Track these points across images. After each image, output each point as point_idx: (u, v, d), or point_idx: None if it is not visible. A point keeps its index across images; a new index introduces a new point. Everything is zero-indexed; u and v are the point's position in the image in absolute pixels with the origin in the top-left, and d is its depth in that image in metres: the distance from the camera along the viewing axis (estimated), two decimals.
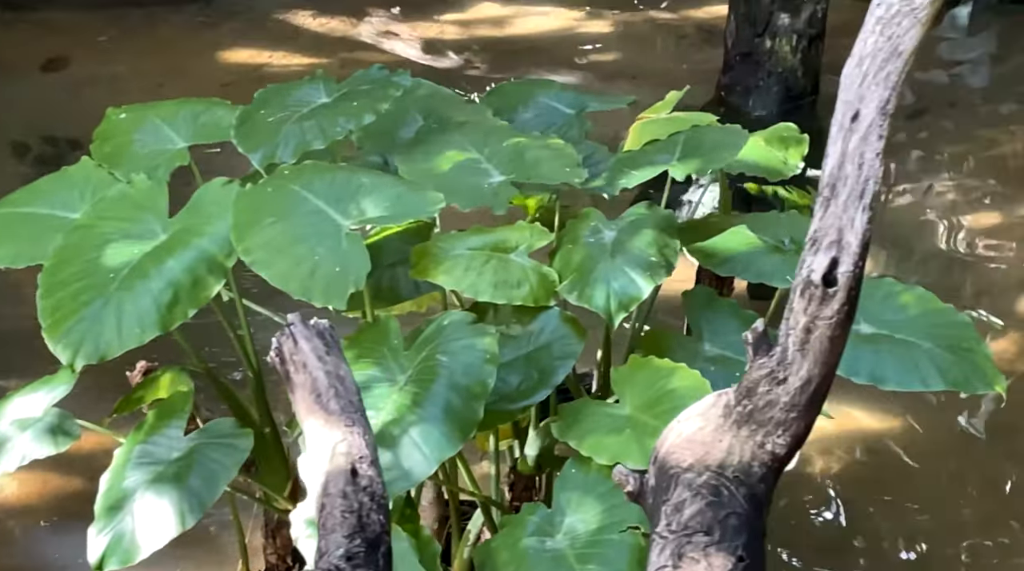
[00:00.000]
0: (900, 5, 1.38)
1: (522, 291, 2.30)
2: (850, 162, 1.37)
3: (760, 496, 1.38)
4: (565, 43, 6.24)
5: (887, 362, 2.36)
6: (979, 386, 2.35)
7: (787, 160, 3.00)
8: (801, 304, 1.40)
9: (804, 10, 5.32)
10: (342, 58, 5.94)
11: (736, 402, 1.44)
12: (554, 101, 2.90)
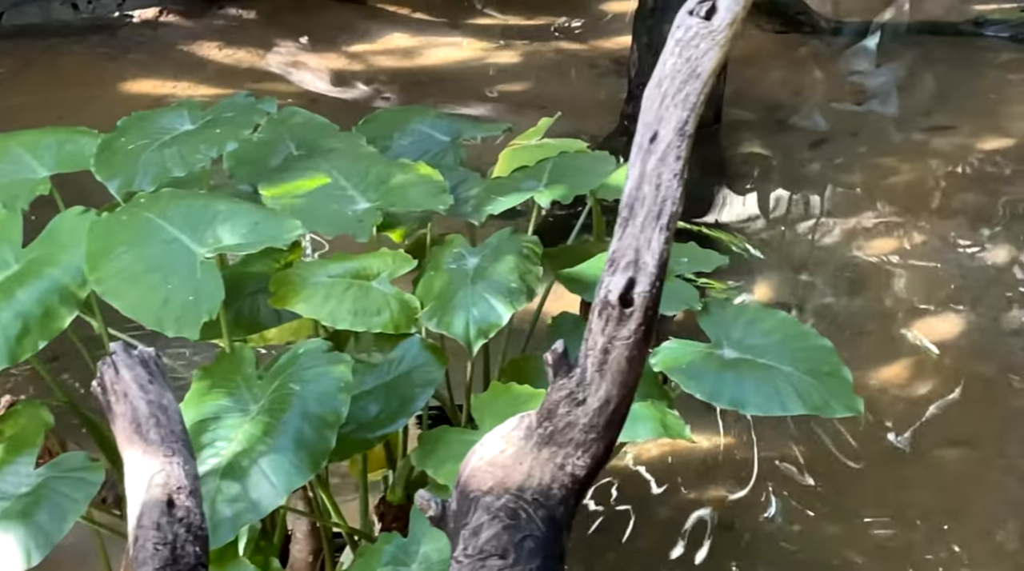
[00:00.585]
0: (699, 28, 1.39)
1: (382, 318, 2.29)
2: (648, 183, 1.37)
3: (560, 518, 1.37)
4: (475, 73, 6.26)
5: (748, 387, 2.37)
6: (838, 409, 2.36)
7: None
8: (599, 325, 1.39)
9: None
10: (248, 89, 5.91)
11: (537, 424, 1.44)
12: (430, 129, 2.89)
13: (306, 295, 2.29)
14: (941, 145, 5.48)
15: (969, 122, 5.64)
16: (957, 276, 4.53)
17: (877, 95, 6.03)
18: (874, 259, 4.68)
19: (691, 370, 2.39)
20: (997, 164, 5.26)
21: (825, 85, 6.16)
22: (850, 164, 5.35)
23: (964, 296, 4.41)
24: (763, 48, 6.35)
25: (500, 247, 2.41)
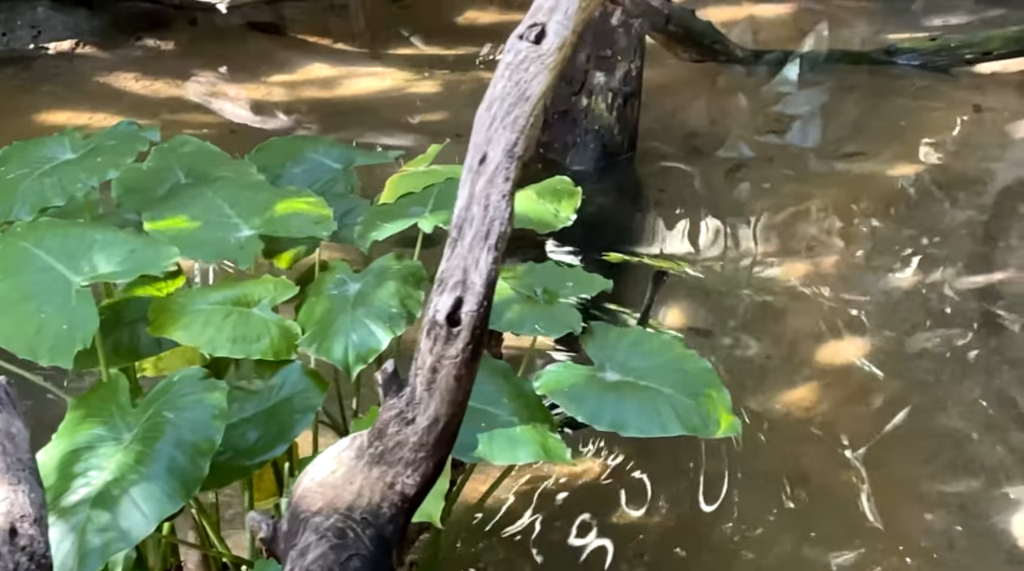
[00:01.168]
0: (528, 52, 1.41)
1: (262, 345, 2.28)
2: (477, 204, 1.39)
3: (389, 537, 1.37)
4: (395, 103, 6.28)
5: (629, 409, 2.39)
6: (716, 430, 2.39)
7: (558, 212, 3.04)
8: (427, 344, 1.40)
9: (619, 69, 5.43)
10: (164, 119, 5.88)
11: (368, 443, 1.44)
12: (322, 156, 2.90)
13: (185, 322, 2.29)
14: (853, 172, 5.56)
15: (880, 149, 5.74)
16: (864, 300, 4.59)
17: (793, 123, 6.12)
18: (784, 284, 4.74)
19: (573, 393, 2.41)
20: (905, 190, 5.35)
21: (742, 113, 6.24)
22: (765, 191, 5.41)
23: (870, 320, 4.47)
24: (680, 77, 6.43)
25: (382, 273, 2.42)
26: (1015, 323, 4.41)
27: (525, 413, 2.41)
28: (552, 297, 2.57)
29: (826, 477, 3.78)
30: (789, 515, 3.62)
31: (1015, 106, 5.99)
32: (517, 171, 1.42)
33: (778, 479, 3.77)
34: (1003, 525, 3.56)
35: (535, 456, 2.38)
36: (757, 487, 3.72)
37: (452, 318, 1.38)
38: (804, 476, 3.79)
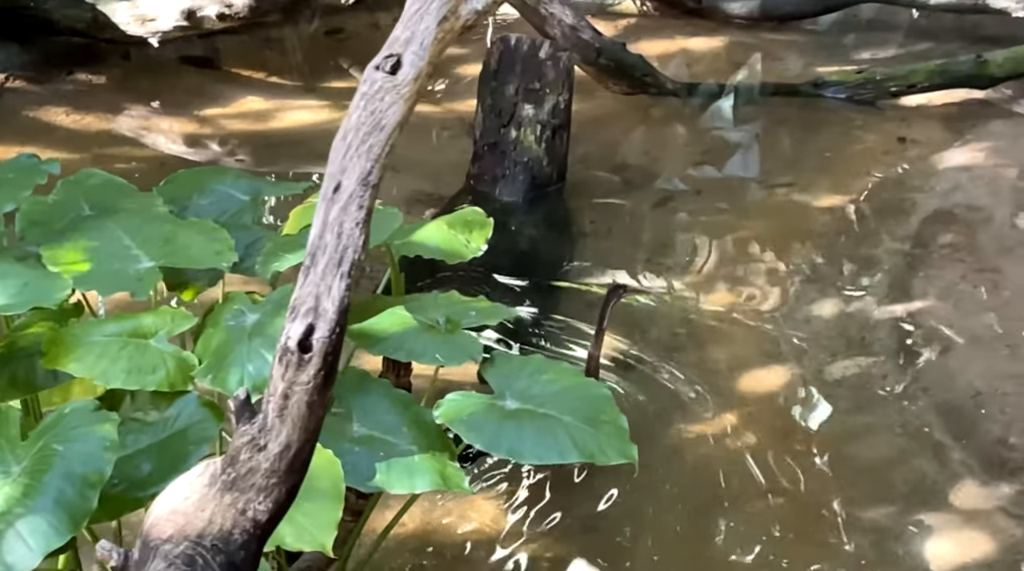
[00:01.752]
0: (383, 82, 1.43)
1: (157, 376, 2.29)
2: (330, 231, 1.41)
3: (240, 563, 1.38)
4: (328, 136, 6.11)
5: (528, 436, 2.41)
6: (613, 456, 2.42)
7: (470, 242, 3.07)
8: (279, 371, 1.42)
9: (547, 101, 5.48)
10: (96, 153, 5.88)
11: (221, 470, 1.45)
12: (230, 188, 2.92)
13: (78, 354, 2.29)
14: (781, 203, 5.63)
15: (808, 180, 5.81)
16: (787, 330, 4.64)
17: (724, 155, 6.19)
18: (710, 314, 4.78)
19: (472, 421, 2.42)
20: (831, 220, 5.42)
21: (673, 145, 6.31)
22: (692, 222, 5.47)
23: (792, 349, 4.52)
24: (611, 110, 6.49)
25: (281, 302, 2.43)
26: (931, 351, 4.47)
27: (424, 442, 2.42)
28: (455, 327, 2.59)
29: (742, 503, 3.80)
30: (704, 541, 3.64)
31: (939, 138, 6.09)
32: (372, 199, 1.44)
33: (696, 505, 3.80)
34: (916, 549, 3.60)
35: (433, 485, 2.39)
36: (674, 512, 3.74)
37: (304, 345, 1.40)
38: (720, 501, 3.81)
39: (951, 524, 3.69)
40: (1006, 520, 3.67)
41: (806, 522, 3.73)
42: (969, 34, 7.26)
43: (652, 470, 3.94)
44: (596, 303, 4.92)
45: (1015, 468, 3.87)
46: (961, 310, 4.70)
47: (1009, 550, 3.56)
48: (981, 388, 4.23)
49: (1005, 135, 6.07)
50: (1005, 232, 5.23)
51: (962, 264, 5.01)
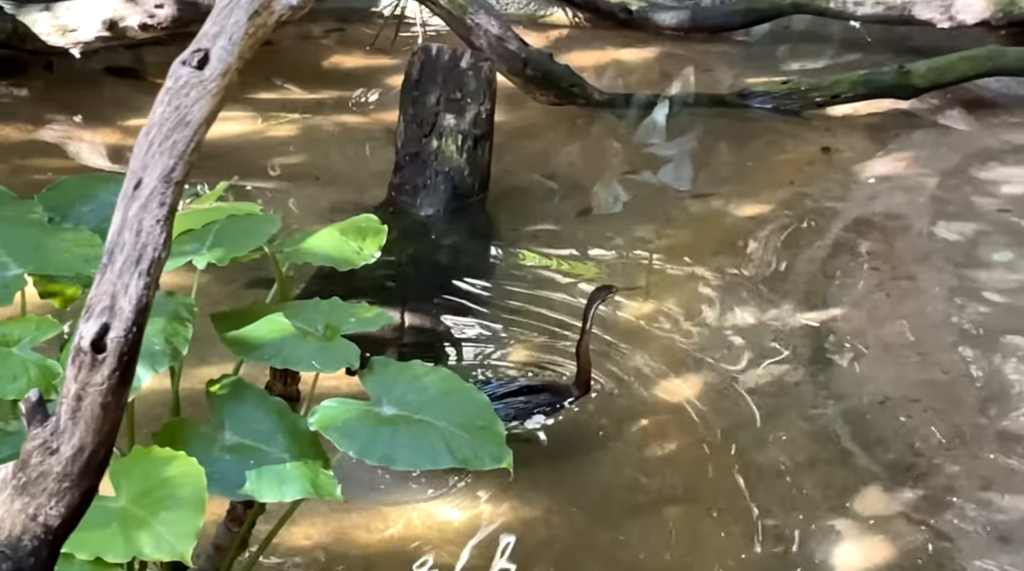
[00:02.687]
0: (190, 77, 1.41)
1: (19, 385, 2.25)
2: (129, 229, 1.38)
3: (28, 570, 1.35)
4: (254, 146, 6.26)
5: (402, 443, 2.39)
6: (487, 462, 2.40)
7: (362, 250, 3.04)
8: (72, 372, 1.39)
9: (468, 111, 5.47)
10: (16, 165, 5.82)
11: (12, 475, 1.43)
12: (114, 195, 2.85)
13: None
14: (703, 212, 5.65)
15: (730, 190, 5.84)
16: (703, 338, 4.65)
17: (647, 165, 6.21)
18: (626, 322, 4.78)
19: (346, 428, 2.40)
20: (751, 229, 5.44)
21: (599, 156, 6.32)
22: (614, 231, 5.47)
23: (707, 357, 4.53)
24: (539, 120, 6.49)
25: (152, 309, 2.39)
26: (843, 359, 4.49)
27: (297, 450, 2.40)
28: (333, 332, 2.57)
29: (653, 509, 3.80)
30: (614, 545, 3.63)
31: (862, 147, 6.14)
32: (175, 197, 1.42)
33: (607, 510, 3.78)
34: (821, 556, 3.60)
35: (304, 493, 2.36)
36: (586, 517, 3.73)
37: (98, 345, 1.37)
38: (631, 506, 3.81)
39: (855, 530, 3.70)
40: (908, 526, 3.68)
41: (716, 528, 3.73)
42: (898, 46, 7.32)
43: (565, 475, 3.94)
44: (515, 310, 4.95)
45: (920, 474, 3.88)
46: (874, 318, 4.72)
47: (909, 555, 3.57)
48: (890, 395, 4.25)
49: (927, 145, 6.12)
50: (922, 241, 5.26)
51: (878, 272, 5.04)
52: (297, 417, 2.47)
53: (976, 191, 5.65)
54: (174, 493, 2.14)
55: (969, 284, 4.93)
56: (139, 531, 2.10)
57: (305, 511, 3.79)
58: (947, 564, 3.54)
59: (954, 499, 3.78)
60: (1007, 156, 5.94)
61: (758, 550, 3.63)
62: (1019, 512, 3.72)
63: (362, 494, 3.78)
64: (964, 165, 5.86)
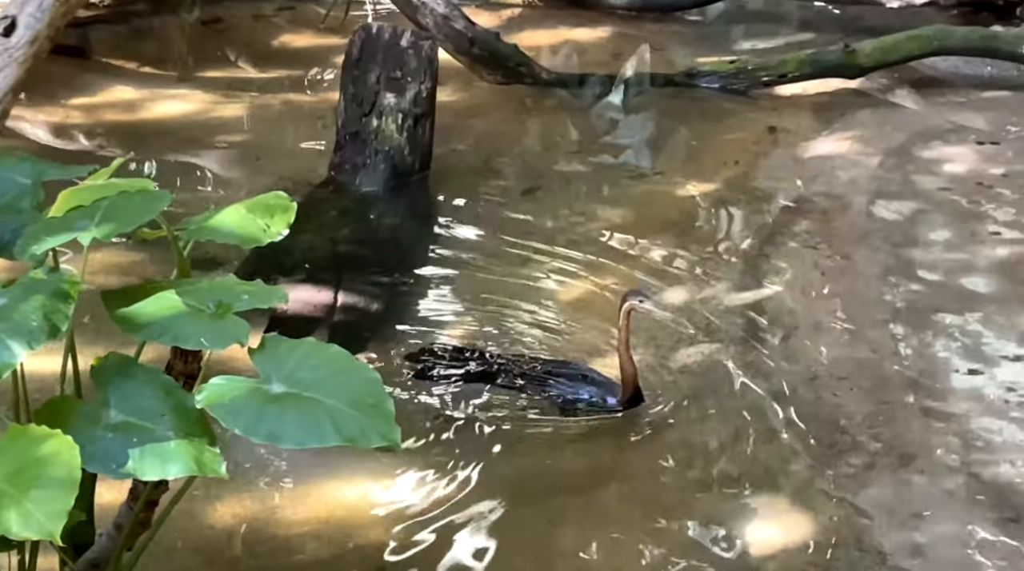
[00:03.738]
0: None
1: None
2: None
3: None
4: (198, 125, 6.23)
5: (288, 421, 2.38)
6: (375, 440, 2.39)
7: (269, 227, 3.02)
8: None
9: (409, 90, 5.44)
10: None
11: None
12: (11, 171, 2.85)
13: None
14: (645, 192, 5.64)
15: (675, 169, 5.83)
16: (637, 314, 4.63)
17: (593, 144, 6.19)
18: (563, 300, 4.77)
19: (233, 406, 2.38)
20: (691, 209, 5.43)
21: (544, 135, 6.29)
22: (559, 210, 5.45)
23: (640, 335, 4.51)
24: (486, 99, 6.47)
25: (31, 286, 2.38)
26: (775, 337, 4.49)
27: (183, 428, 2.38)
28: (225, 310, 2.55)
29: (580, 490, 3.79)
30: (540, 527, 3.62)
31: (808, 127, 6.13)
32: None
33: (535, 491, 3.78)
34: (739, 533, 3.60)
35: (187, 471, 2.35)
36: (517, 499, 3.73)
37: None
38: (555, 490, 3.80)
39: (776, 507, 3.70)
40: (828, 503, 3.68)
41: (638, 507, 3.72)
42: (849, 25, 7.33)
43: (493, 456, 3.93)
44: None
45: (842, 451, 3.89)
46: (808, 297, 4.72)
47: (828, 532, 3.57)
48: (819, 373, 4.26)
49: (872, 124, 6.12)
50: (861, 220, 5.26)
51: (815, 251, 5.03)
52: (184, 395, 2.45)
53: (918, 170, 5.66)
54: (46, 472, 2.12)
55: (905, 263, 4.93)
56: (8, 510, 2.09)
57: (233, 490, 3.82)
58: (865, 540, 3.54)
59: (875, 476, 3.79)
60: (950, 135, 5.95)
61: (681, 527, 3.62)
62: (937, 489, 3.73)
63: (292, 474, 3.79)
64: (908, 144, 5.87)
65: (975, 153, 5.80)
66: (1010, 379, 4.25)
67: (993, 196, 5.43)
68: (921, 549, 3.50)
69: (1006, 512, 3.63)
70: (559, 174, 5.86)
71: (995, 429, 4.00)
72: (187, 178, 5.67)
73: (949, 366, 4.32)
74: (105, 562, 2.78)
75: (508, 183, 5.76)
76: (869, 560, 3.47)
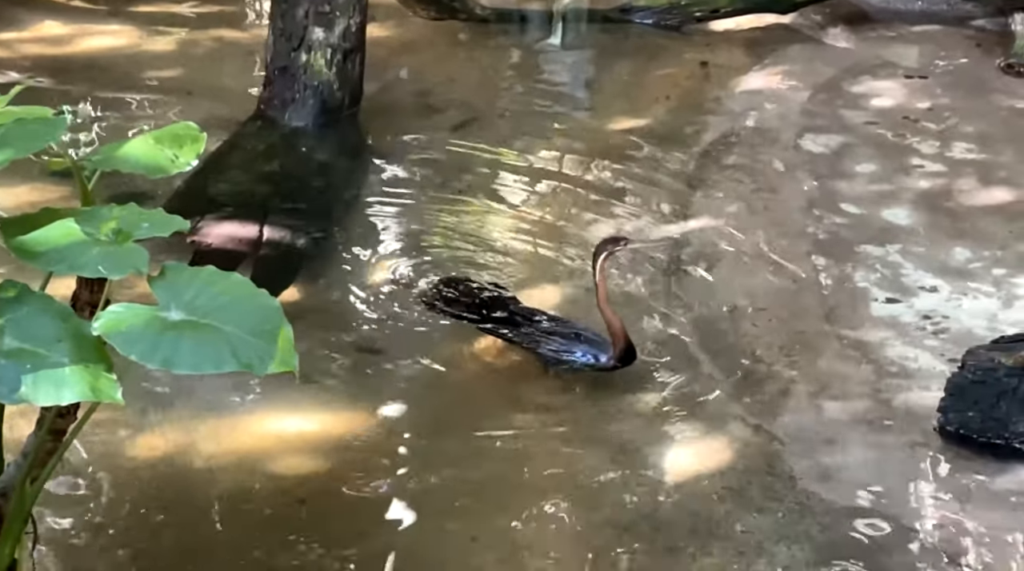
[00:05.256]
0: None
1: None
2: None
3: None
4: (128, 60, 6.16)
5: (185, 347, 2.38)
6: (273, 365, 2.40)
7: (177, 158, 3.01)
8: None
9: (338, 24, 5.40)
10: None
11: None
12: None
13: None
14: (577, 127, 5.65)
15: (607, 105, 5.85)
16: (565, 251, 4.67)
17: (527, 80, 6.18)
18: (492, 235, 4.79)
19: (130, 333, 2.38)
20: (621, 144, 5.45)
21: (477, 71, 6.27)
22: (489, 144, 5.46)
23: (568, 270, 4.55)
24: (419, 35, 6.44)
25: None
26: (698, 269, 4.53)
27: (78, 354, 2.38)
28: (124, 238, 2.54)
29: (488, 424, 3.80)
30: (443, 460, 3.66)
31: (739, 62, 6.15)
32: None
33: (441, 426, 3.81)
34: (656, 460, 3.64)
35: (82, 396, 2.35)
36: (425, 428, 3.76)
37: None
38: (472, 421, 3.83)
39: (692, 434, 3.76)
40: (743, 429, 3.75)
41: (556, 438, 3.76)
42: None
43: (409, 388, 3.95)
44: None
45: (758, 379, 3.95)
46: (733, 229, 4.76)
47: (741, 458, 3.63)
48: (739, 303, 4.31)
49: (802, 59, 6.14)
50: (787, 154, 5.30)
51: (741, 185, 5.08)
52: (81, 322, 2.44)
53: (846, 104, 5.70)
54: None
55: (829, 196, 4.99)
56: None
57: (155, 423, 3.83)
58: (777, 465, 3.60)
59: (789, 403, 3.86)
60: (879, 70, 5.99)
61: (597, 458, 3.67)
62: (848, 415, 3.80)
63: (216, 407, 3.81)
64: (837, 79, 5.90)
65: (903, 87, 5.85)
66: (927, 308, 4.32)
67: (918, 130, 5.48)
68: (830, 472, 3.58)
69: (915, 436, 3.71)
70: (492, 109, 5.85)
71: (910, 357, 4.07)
72: (117, 114, 5.61)
73: (867, 296, 4.39)
74: (12, 490, 2.79)
75: (440, 119, 5.74)
76: (780, 484, 3.54)
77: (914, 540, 3.35)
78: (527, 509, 3.48)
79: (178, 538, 3.33)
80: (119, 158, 2.92)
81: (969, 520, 3.40)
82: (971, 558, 3.29)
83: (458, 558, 3.30)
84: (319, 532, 3.37)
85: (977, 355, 3.80)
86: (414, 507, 3.50)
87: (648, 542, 3.34)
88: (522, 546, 3.34)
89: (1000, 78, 5.95)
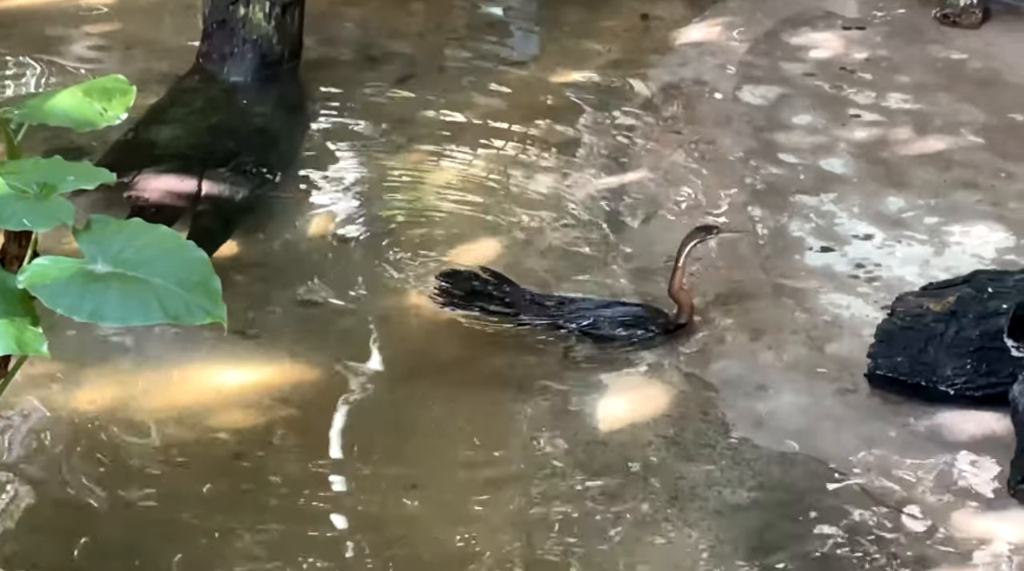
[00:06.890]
0: None
1: None
2: None
3: None
4: (64, 14, 6.07)
5: (112, 300, 2.38)
6: (201, 316, 2.41)
7: (106, 111, 2.99)
8: None
9: None
10: None
11: None
12: None
13: None
14: (516, 79, 5.63)
15: (547, 58, 5.83)
16: (503, 203, 4.69)
17: (469, 33, 6.15)
18: (431, 190, 4.80)
19: (56, 286, 2.38)
20: (561, 97, 5.45)
21: (419, 24, 6.23)
22: (431, 98, 5.44)
23: (505, 221, 4.58)
24: None
25: None
26: (635, 221, 4.57)
27: (3, 308, 2.38)
28: (49, 191, 2.54)
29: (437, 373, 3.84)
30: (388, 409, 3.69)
31: (680, 14, 6.15)
32: None
33: (387, 377, 3.85)
34: (590, 410, 3.69)
35: (7, 350, 2.35)
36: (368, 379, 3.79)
37: None
38: (415, 373, 3.85)
39: (627, 383, 3.81)
40: (678, 377, 3.80)
41: (498, 387, 3.79)
42: None
43: (353, 341, 3.97)
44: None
45: (694, 328, 3.99)
46: (670, 181, 4.79)
47: (675, 405, 3.68)
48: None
49: (743, 11, 6.15)
50: (726, 105, 5.33)
51: (679, 136, 5.10)
52: (7, 275, 2.44)
53: (785, 56, 5.72)
54: None
55: (766, 146, 5.02)
56: None
57: (93, 377, 3.83)
58: (710, 412, 3.66)
59: (723, 351, 3.91)
60: (818, 21, 6.01)
61: (533, 407, 3.70)
62: (782, 362, 3.85)
63: (154, 361, 3.81)
64: (776, 30, 5.92)
65: (841, 38, 5.88)
66: (860, 256, 4.38)
67: (855, 80, 5.53)
68: (762, 419, 3.64)
69: (845, 383, 3.78)
70: (435, 63, 5.82)
71: (842, 304, 4.13)
72: (53, 69, 5.55)
73: (803, 245, 4.44)
74: None
75: (381, 71, 5.71)
76: (713, 431, 3.60)
77: (844, 482, 3.42)
78: (465, 458, 3.53)
79: (112, 493, 3.35)
80: (46, 111, 2.89)
81: (897, 462, 3.48)
82: (898, 498, 3.37)
83: (397, 507, 3.34)
84: (255, 485, 3.40)
85: (906, 301, 3.87)
86: (351, 458, 3.54)
87: (583, 488, 3.39)
88: (460, 493, 3.39)
89: (937, 28, 6.00)
